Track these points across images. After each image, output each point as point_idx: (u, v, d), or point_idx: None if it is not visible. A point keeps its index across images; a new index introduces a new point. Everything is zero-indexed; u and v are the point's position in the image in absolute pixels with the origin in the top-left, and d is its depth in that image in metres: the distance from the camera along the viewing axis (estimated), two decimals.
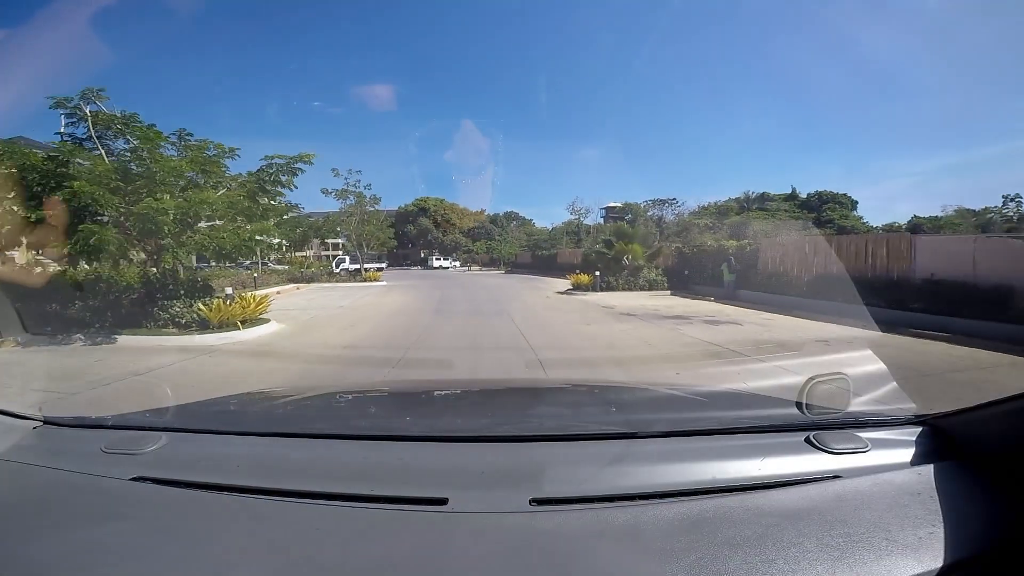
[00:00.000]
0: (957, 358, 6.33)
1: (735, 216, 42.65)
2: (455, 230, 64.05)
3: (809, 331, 8.45)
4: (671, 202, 50.48)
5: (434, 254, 58.92)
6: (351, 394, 1.86)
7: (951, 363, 6.07)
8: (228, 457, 1.03)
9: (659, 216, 49.79)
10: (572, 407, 1.68)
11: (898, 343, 7.20)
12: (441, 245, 62.32)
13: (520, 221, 65.63)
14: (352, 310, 12.98)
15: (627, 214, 50.93)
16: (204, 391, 2.58)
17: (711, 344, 7.31)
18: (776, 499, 0.82)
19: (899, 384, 2.78)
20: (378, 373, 5.74)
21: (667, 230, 41.06)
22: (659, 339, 8.00)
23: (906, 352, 6.56)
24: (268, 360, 6.86)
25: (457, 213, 65.50)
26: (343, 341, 8.08)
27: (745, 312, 11.38)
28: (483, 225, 63.99)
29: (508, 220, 65.41)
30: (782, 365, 5.74)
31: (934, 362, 6.10)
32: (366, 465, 0.98)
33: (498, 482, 0.89)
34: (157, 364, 6.25)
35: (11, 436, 1.11)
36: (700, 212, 47.96)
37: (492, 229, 61.88)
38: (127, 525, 0.81)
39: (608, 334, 8.60)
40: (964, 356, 6.41)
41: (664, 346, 7.41)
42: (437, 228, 63.57)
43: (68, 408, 4.34)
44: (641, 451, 1.01)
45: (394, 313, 12.17)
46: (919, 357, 6.31)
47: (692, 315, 10.92)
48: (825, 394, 1.21)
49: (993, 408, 0.93)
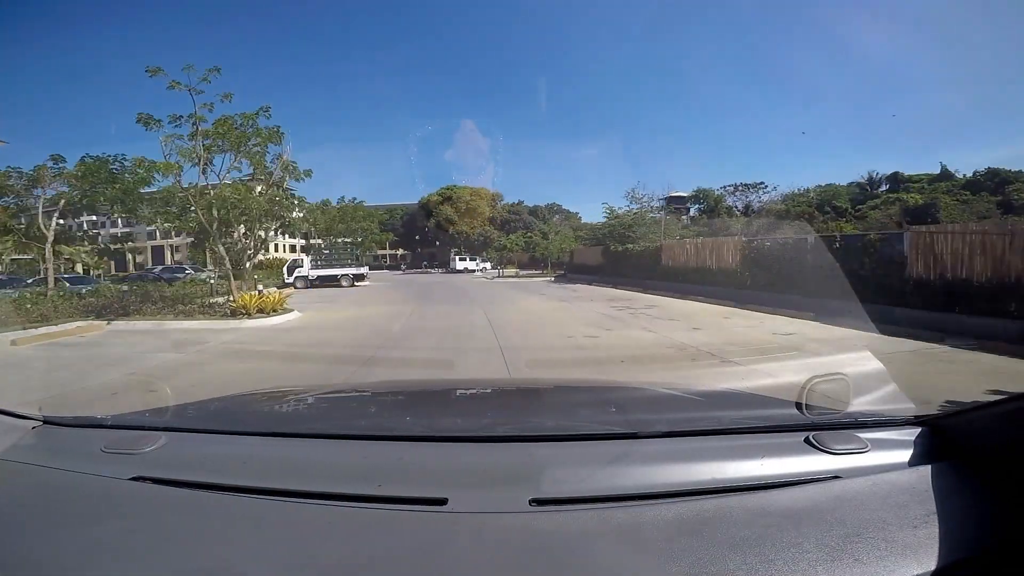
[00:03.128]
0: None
1: (876, 204, 34.19)
2: (483, 221, 51.95)
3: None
4: (757, 187, 43.27)
5: (459, 253, 47.27)
6: (351, 394, 1.86)
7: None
8: (228, 457, 1.03)
9: (745, 203, 43.18)
10: (572, 407, 1.68)
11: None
12: (467, 241, 51.03)
13: (563, 214, 54.60)
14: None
15: (697, 202, 43.44)
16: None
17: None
18: (776, 499, 0.82)
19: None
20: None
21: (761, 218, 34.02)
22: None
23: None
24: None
25: (486, 200, 52.56)
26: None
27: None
28: (519, 215, 53.68)
29: (550, 213, 55.11)
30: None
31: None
32: (366, 465, 0.98)
33: (498, 482, 0.89)
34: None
35: (11, 436, 1.11)
36: (794, 198, 40.66)
37: (531, 221, 50.83)
38: (127, 525, 0.81)
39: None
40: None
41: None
42: (462, 219, 50.68)
43: (68, 407, 4.34)
44: (641, 451, 1.01)
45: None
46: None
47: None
48: (825, 394, 1.21)
49: (993, 408, 0.93)
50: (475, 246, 49.91)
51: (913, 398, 2.18)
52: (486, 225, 51.56)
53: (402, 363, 6.34)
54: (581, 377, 4.33)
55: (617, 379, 4.14)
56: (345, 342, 8.32)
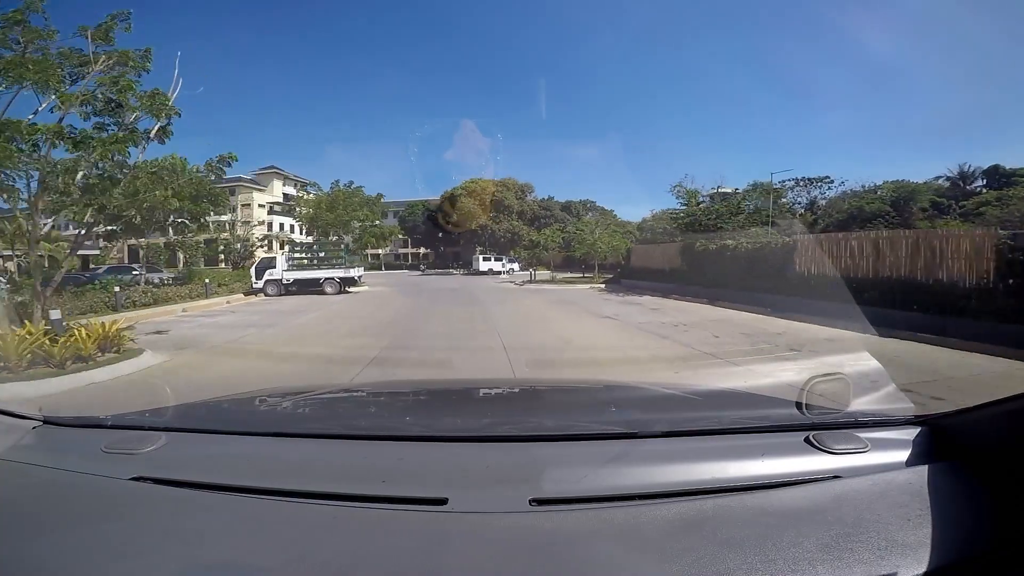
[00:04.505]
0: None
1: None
2: (511, 216, 44.94)
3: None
4: (822, 181, 37.60)
5: (483, 252, 41.77)
6: (351, 394, 1.86)
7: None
8: (228, 457, 1.04)
9: (809, 199, 37.85)
10: (572, 407, 1.69)
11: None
12: (492, 238, 44.45)
13: (597, 212, 48.87)
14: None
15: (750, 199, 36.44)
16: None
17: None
18: (776, 499, 0.82)
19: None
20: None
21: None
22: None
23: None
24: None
25: (514, 191, 46.17)
26: None
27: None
28: (550, 211, 46.72)
29: (584, 209, 49.49)
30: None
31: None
32: (366, 465, 0.98)
33: (498, 482, 0.89)
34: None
35: (11, 436, 1.11)
36: (863, 195, 35.98)
37: (563, 217, 44.49)
38: (127, 525, 0.81)
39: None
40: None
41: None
42: (486, 214, 43.32)
43: (68, 407, 4.34)
44: (641, 451, 1.01)
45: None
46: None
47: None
48: (825, 394, 1.21)
49: (992, 408, 0.93)
50: (502, 244, 43.99)
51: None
52: (514, 220, 44.95)
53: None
54: (581, 377, 4.31)
55: (617, 379, 4.14)
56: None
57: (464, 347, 7.63)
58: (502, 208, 44.38)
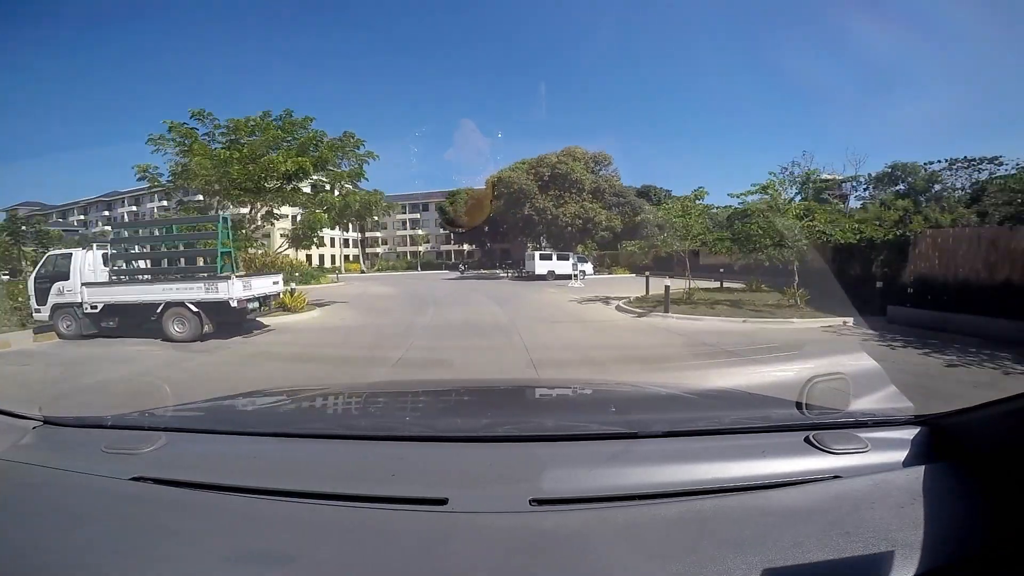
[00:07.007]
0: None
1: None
2: (582, 195, 32.06)
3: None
4: (992, 161, 29.66)
5: (538, 247, 31.98)
6: (351, 394, 1.86)
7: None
8: (228, 457, 1.04)
9: (972, 182, 30.27)
10: (572, 407, 1.69)
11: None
12: (554, 225, 31.87)
13: (676, 201, 31.27)
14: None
15: (893, 183, 29.45)
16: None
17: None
18: (776, 499, 0.82)
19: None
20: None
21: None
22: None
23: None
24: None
25: (583, 162, 33.23)
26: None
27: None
28: (624, 197, 35.04)
29: (665, 197, 34.54)
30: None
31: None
32: (366, 465, 0.98)
33: (498, 482, 0.89)
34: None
35: (11, 436, 1.11)
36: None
37: (639, 204, 34.45)
38: (127, 525, 0.81)
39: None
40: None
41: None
42: (544, 194, 31.57)
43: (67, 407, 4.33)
44: (641, 451, 1.01)
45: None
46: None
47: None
48: (824, 394, 1.21)
49: (992, 408, 0.93)
50: (568, 235, 31.48)
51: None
52: (586, 200, 31.87)
53: None
54: (581, 377, 4.30)
55: (617, 379, 4.15)
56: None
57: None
58: (567, 185, 31.69)
